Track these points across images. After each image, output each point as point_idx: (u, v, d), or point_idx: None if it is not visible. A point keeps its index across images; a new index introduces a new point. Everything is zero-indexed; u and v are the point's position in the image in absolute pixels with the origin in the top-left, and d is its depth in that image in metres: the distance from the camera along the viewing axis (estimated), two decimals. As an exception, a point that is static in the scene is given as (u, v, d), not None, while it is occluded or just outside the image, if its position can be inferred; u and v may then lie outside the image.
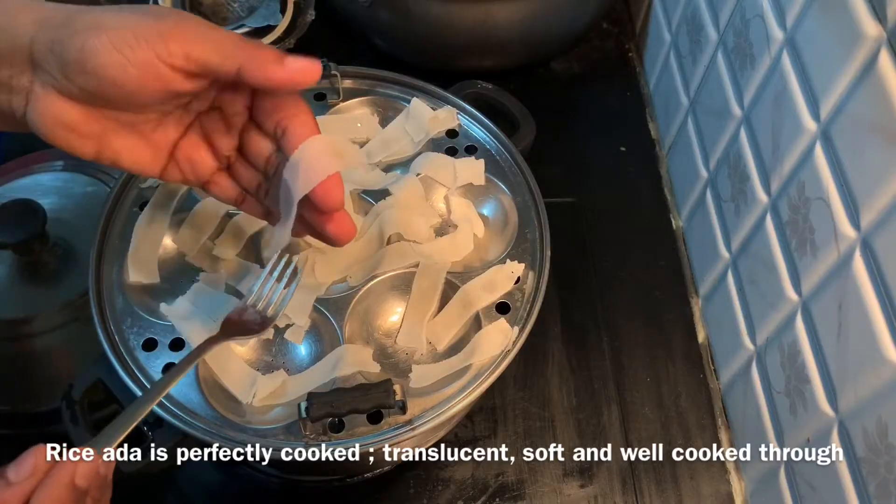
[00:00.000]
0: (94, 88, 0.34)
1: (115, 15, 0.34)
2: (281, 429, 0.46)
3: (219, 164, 0.41)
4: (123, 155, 0.38)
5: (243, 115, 0.39)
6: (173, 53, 0.33)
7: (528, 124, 0.61)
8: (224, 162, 0.41)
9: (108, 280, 0.51)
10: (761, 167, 0.57)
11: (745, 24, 0.60)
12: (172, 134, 0.39)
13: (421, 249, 0.53)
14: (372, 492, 0.60)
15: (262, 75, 0.35)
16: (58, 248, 0.59)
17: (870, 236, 0.44)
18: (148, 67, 0.33)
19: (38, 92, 0.34)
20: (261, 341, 0.50)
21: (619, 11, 0.92)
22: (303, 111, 0.38)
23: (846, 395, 0.46)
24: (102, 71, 0.33)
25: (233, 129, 0.40)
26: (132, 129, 0.37)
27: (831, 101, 0.47)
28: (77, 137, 0.36)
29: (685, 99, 0.74)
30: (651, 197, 0.78)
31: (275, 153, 0.40)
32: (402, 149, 0.59)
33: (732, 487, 0.61)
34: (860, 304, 0.44)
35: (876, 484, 0.44)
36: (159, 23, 0.34)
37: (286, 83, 0.35)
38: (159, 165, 0.39)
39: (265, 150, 0.40)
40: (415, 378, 0.48)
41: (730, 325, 0.63)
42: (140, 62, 0.33)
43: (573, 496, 0.60)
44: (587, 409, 0.64)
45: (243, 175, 0.42)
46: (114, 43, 0.33)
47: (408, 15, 0.75)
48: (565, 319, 0.69)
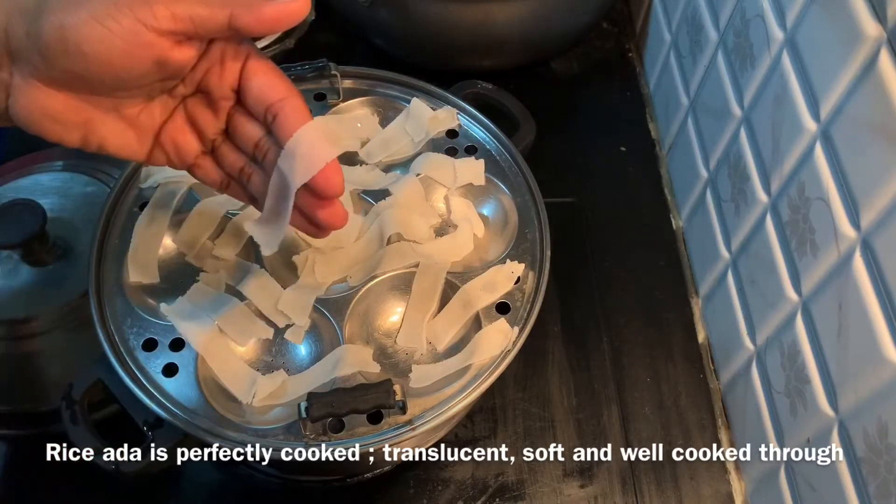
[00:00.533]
0: (79, 69, 0.32)
1: None
2: (281, 429, 0.46)
3: (204, 148, 0.40)
4: (109, 140, 0.37)
5: (231, 99, 0.38)
6: (159, 16, 0.32)
7: (528, 124, 0.61)
8: (209, 146, 0.40)
9: (108, 280, 0.51)
10: (761, 167, 0.57)
11: (745, 24, 0.60)
12: (158, 118, 0.38)
13: (421, 249, 0.53)
14: (372, 492, 0.60)
15: (254, 16, 0.34)
16: (58, 248, 0.59)
17: (870, 236, 0.44)
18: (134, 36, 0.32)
19: (18, 84, 0.33)
20: (261, 341, 0.50)
21: (619, 11, 0.92)
22: (293, 94, 0.37)
23: (846, 395, 0.46)
24: (86, 47, 0.32)
25: (220, 112, 0.39)
26: (117, 114, 0.36)
27: (831, 101, 0.47)
28: (63, 126, 0.35)
29: (685, 99, 0.74)
30: (651, 197, 0.78)
31: (264, 137, 0.39)
32: (402, 149, 0.59)
33: (732, 487, 0.61)
34: (860, 305, 0.44)
35: (876, 484, 0.44)
36: None
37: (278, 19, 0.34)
38: (145, 150, 0.38)
39: (254, 135, 0.39)
40: (415, 378, 0.48)
41: (730, 325, 0.63)
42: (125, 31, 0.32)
43: (573, 496, 0.60)
44: (587, 409, 0.64)
45: (228, 159, 0.40)
46: (94, 15, 0.31)
47: (408, 15, 0.75)
48: (565, 319, 0.69)
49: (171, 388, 0.47)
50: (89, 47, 0.32)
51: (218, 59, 0.37)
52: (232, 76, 0.37)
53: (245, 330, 0.49)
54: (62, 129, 0.35)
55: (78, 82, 0.34)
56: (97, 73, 0.33)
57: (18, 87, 0.33)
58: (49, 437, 0.52)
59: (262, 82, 0.37)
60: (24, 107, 0.34)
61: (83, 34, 0.31)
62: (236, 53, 0.37)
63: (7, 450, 0.60)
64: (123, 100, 0.36)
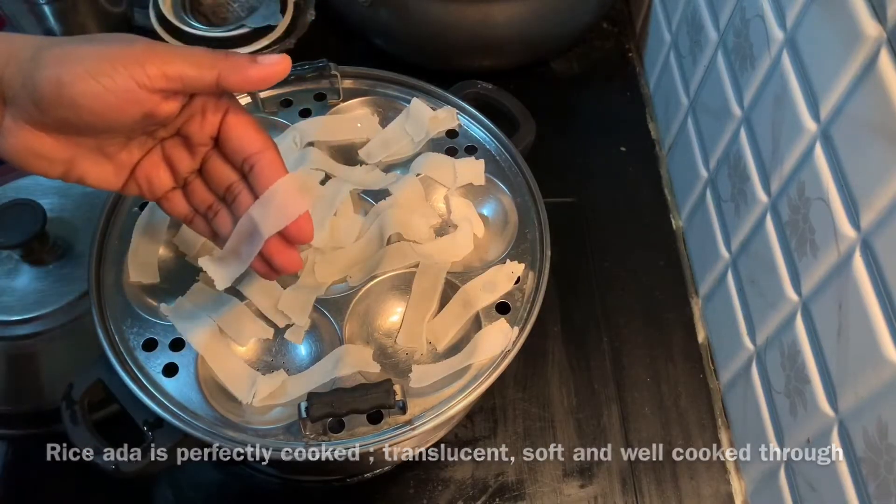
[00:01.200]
0: (71, 118, 0.35)
1: (86, 45, 0.35)
2: (281, 429, 0.46)
3: (175, 184, 0.42)
4: (90, 175, 0.39)
5: (208, 145, 0.41)
6: (151, 75, 0.34)
7: (528, 124, 0.61)
8: (181, 182, 0.42)
9: (108, 280, 0.51)
10: (761, 167, 0.57)
11: (745, 24, 0.60)
12: (136, 155, 0.40)
13: (421, 249, 0.53)
14: (372, 492, 0.60)
15: (241, 76, 0.36)
16: (58, 248, 0.59)
17: (870, 236, 0.44)
18: (126, 93, 0.34)
19: (9, 126, 0.35)
20: (261, 341, 0.50)
21: (619, 11, 0.92)
22: (269, 147, 0.40)
23: (846, 395, 0.46)
24: (81, 100, 0.34)
25: (196, 155, 0.41)
26: (99, 151, 0.38)
27: (831, 101, 0.47)
28: (48, 163, 0.37)
29: (685, 99, 0.74)
30: (651, 197, 0.78)
31: (238, 182, 0.41)
32: (402, 149, 0.59)
33: (732, 487, 0.61)
34: (860, 304, 0.44)
35: (876, 484, 0.44)
36: (132, 48, 0.35)
37: (263, 79, 0.37)
38: (120, 182, 0.40)
39: (228, 179, 0.41)
40: (415, 378, 0.48)
41: (730, 325, 0.63)
42: (119, 89, 0.34)
43: (573, 496, 0.60)
44: (587, 409, 0.64)
45: (198, 195, 0.42)
46: (90, 72, 0.34)
47: (408, 15, 0.75)
48: (565, 319, 0.69)
49: (171, 388, 0.47)
50: (84, 101, 0.34)
51: (199, 109, 0.39)
52: (211, 127, 0.40)
53: (245, 330, 0.49)
54: (47, 164, 0.37)
55: (68, 128, 0.36)
56: (88, 122, 0.35)
57: (9, 128, 0.35)
58: (49, 437, 0.52)
59: (240, 134, 0.40)
60: (13, 146, 0.35)
61: (79, 89, 0.34)
62: (217, 106, 0.39)
63: (7, 450, 0.60)
64: (106, 140, 0.38)
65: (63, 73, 0.33)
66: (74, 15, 0.76)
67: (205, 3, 0.83)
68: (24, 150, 0.36)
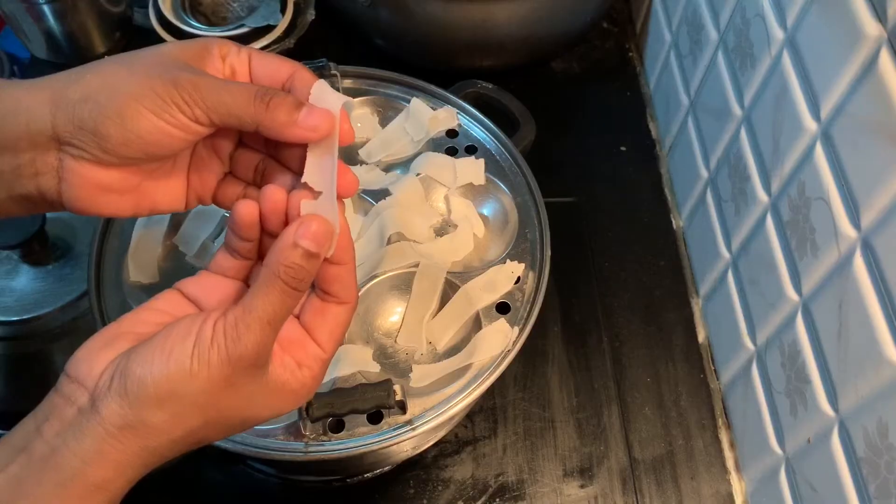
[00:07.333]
0: (136, 154, 0.35)
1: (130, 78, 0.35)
2: (281, 429, 0.46)
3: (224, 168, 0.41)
4: (160, 199, 0.39)
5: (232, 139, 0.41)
6: (200, 118, 0.35)
7: (528, 124, 0.61)
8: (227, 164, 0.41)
9: (107, 280, 0.51)
10: (761, 167, 0.57)
11: (745, 23, 0.60)
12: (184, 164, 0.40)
13: (421, 249, 0.53)
14: (372, 492, 0.60)
15: (278, 134, 0.36)
16: (58, 248, 0.59)
17: (870, 236, 0.44)
18: (186, 127, 0.35)
19: (70, 166, 0.35)
20: (261, 341, 0.50)
21: (619, 11, 0.92)
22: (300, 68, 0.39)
23: (846, 395, 0.46)
24: (147, 137, 0.34)
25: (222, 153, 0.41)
26: (160, 172, 0.39)
27: (832, 100, 0.47)
28: (118, 196, 0.37)
29: (685, 99, 0.74)
30: (651, 197, 0.78)
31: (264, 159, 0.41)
32: (402, 149, 0.59)
33: (732, 487, 0.61)
34: (860, 304, 0.44)
35: (876, 484, 0.43)
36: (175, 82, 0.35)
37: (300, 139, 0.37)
38: (185, 198, 0.41)
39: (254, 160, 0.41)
40: (415, 378, 0.48)
41: (730, 325, 0.63)
42: (180, 125, 0.35)
43: (573, 496, 0.60)
44: (587, 409, 0.64)
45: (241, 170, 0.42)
46: (152, 110, 0.34)
47: (408, 15, 0.75)
48: (565, 319, 0.69)
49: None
50: (150, 137, 0.35)
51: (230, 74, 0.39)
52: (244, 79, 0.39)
53: (245, 330, 0.49)
54: (117, 198, 0.37)
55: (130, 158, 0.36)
56: (152, 153, 0.36)
57: (71, 168, 0.35)
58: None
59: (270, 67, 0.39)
60: (80, 186, 0.35)
61: (144, 128, 0.34)
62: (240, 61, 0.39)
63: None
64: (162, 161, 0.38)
65: (125, 113, 0.34)
66: (74, 14, 0.76)
67: (205, 2, 0.83)
68: (94, 188, 0.36)
